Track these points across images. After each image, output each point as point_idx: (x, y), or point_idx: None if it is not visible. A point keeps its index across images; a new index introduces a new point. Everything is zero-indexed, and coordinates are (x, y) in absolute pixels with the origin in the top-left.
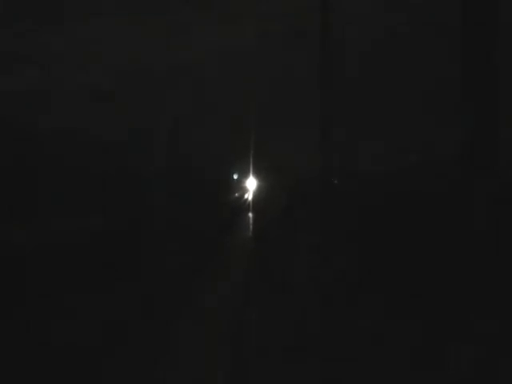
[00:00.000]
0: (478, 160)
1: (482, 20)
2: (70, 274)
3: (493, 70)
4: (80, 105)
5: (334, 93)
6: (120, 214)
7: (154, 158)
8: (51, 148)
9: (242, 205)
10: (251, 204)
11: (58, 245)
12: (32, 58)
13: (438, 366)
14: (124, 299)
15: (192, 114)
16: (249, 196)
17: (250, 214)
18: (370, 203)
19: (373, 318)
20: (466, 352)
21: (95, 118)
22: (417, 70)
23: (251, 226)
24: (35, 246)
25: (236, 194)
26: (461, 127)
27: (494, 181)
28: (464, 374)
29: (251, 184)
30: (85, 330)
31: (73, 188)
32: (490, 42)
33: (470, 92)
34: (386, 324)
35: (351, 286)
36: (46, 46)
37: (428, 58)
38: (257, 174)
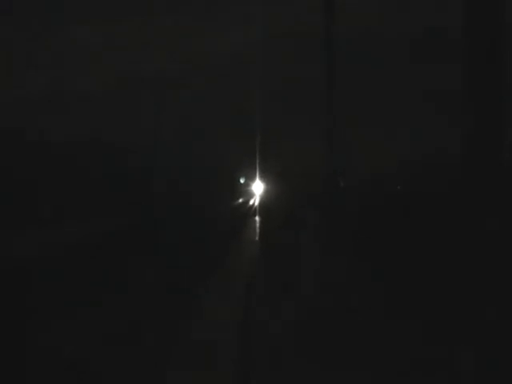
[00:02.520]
0: (481, 160)
1: (486, 20)
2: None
3: (497, 68)
4: (81, 108)
5: (339, 93)
6: (125, 218)
7: (159, 161)
8: (52, 151)
9: (249, 210)
10: (258, 208)
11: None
12: (34, 61)
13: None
14: None
15: (196, 116)
16: (255, 200)
17: (257, 219)
18: (378, 204)
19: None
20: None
21: (98, 122)
22: (420, 70)
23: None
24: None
25: (242, 199)
26: (463, 126)
27: (498, 180)
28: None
29: (258, 187)
30: None
31: (78, 190)
32: (494, 42)
33: (472, 90)
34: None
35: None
36: (47, 49)
37: (431, 59)
38: (263, 177)
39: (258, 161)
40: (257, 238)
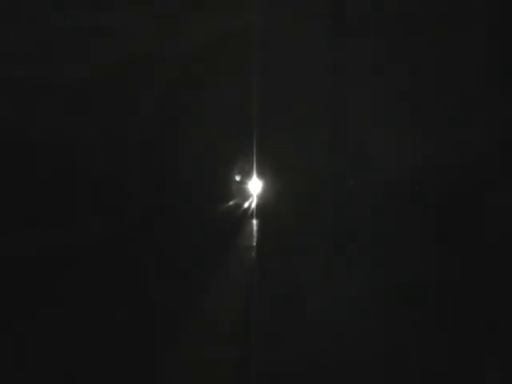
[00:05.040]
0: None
1: None
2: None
3: None
4: (62, 101)
5: (348, 88)
6: (108, 220)
7: (146, 159)
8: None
9: (246, 211)
10: (255, 210)
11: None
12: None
13: None
14: None
15: (190, 108)
16: (253, 201)
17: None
18: (390, 207)
19: None
20: None
21: (95, 121)
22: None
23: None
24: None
25: (237, 199)
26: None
27: None
28: None
29: (255, 185)
30: None
31: (75, 191)
32: None
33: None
34: None
35: None
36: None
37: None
38: (263, 175)
39: (255, 155)
40: (254, 244)
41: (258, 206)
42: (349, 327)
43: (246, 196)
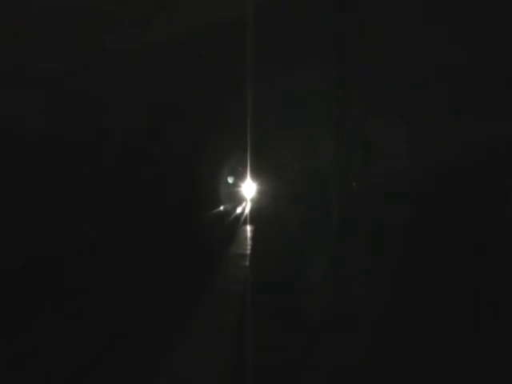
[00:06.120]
0: None
1: None
2: None
3: None
4: (41, 95)
5: (350, 82)
6: (88, 230)
7: (131, 159)
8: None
9: (239, 216)
10: (249, 215)
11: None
12: None
13: None
14: None
15: (178, 103)
16: (246, 205)
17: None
18: (396, 210)
19: None
20: None
21: (59, 112)
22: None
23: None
24: None
25: (231, 203)
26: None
27: None
28: None
29: (250, 189)
30: None
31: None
32: None
33: None
34: None
35: None
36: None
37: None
38: (256, 176)
39: (249, 155)
40: (248, 252)
41: (251, 210)
42: (348, 330)
43: (239, 200)
